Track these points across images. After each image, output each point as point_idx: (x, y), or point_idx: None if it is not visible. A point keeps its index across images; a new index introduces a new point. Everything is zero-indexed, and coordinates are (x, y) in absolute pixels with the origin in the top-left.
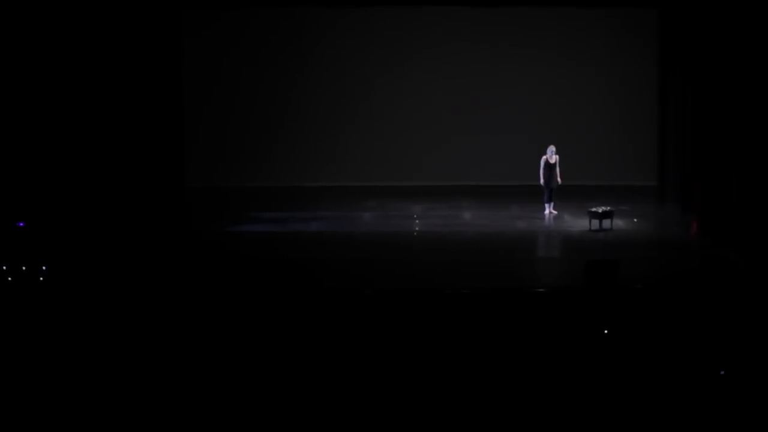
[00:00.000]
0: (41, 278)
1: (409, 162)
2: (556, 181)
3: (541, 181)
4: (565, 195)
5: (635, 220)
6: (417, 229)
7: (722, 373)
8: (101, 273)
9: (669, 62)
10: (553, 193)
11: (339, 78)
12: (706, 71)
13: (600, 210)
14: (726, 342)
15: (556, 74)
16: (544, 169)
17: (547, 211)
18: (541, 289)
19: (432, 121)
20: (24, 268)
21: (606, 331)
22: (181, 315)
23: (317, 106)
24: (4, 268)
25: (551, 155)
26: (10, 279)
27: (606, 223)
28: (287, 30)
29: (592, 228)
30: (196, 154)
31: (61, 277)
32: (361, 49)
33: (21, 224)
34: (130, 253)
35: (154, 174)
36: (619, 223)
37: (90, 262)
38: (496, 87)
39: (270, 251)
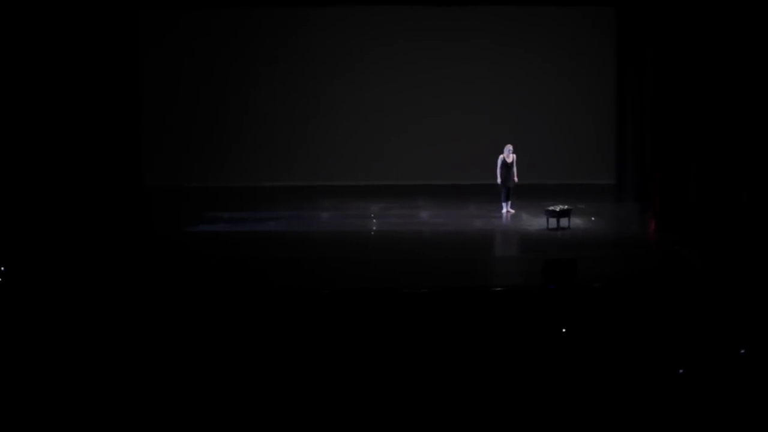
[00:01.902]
0: None
1: (366, 161)
2: (513, 180)
3: (499, 180)
4: (522, 194)
5: (593, 218)
6: (374, 228)
7: (681, 371)
8: (56, 275)
9: (627, 60)
10: (510, 192)
11: (296, 78)
12: (664, 69)
13: (558, 208)
14: (684, 340)
15: (513, 73)
16: (501, 168)
17: (504, 210)
18: (499, 289)
19: (389, 121)
20: None
21: (564, 330)
22: (138, 316)
23: (275, 106)
24: None
25: (508, 154)
26: None
27: (564, 221)
28: (246, 30)
29: (550, 227)
30: (154, 154)
31: (15, 279)
32: (319, 50)
33: None
34: (86, 253)
35: (110, 174)
36: (576, 221)
37: (44, 263)
38: (453, 86)
39: (227, 251)
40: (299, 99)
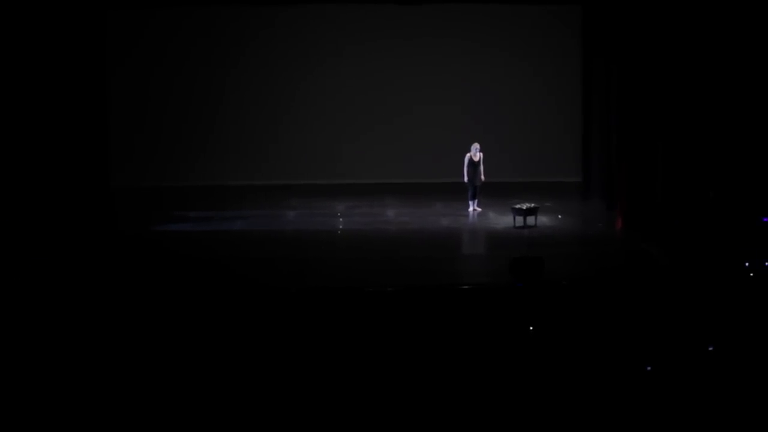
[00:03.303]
0: None
1: (334, 160)
2: (480, 178)
3: (465, 178)
4: (489, 192)
5: (559, 216)
6: (340, 227)
7: (648, 369)
8: (22, 276)
9: (593, 58)
10: (477, 190)
11: (262, 77)
12: (630, 66)
13: (524, 207)
14: (652, 338)
15: (478, 70)
16: (468, 166)
17: (471, 209)
18: (466, 287)
19: (356, 120)
20: None
21: (531, 328)
22: (107, 316)
23: (242, 105)
24: None
25: (475, 153)
26: None
27: (530, 219)
28: (215, 29)
29: (517, 225)
30: (122, 154)
31: None
32: (286, 49)
33: None
34: (52, 254)
35: (76, 173)
36: (543, 219)
37: (9, 264)
38: (418, 83)
39: (195, 250)
40: (267, 98)
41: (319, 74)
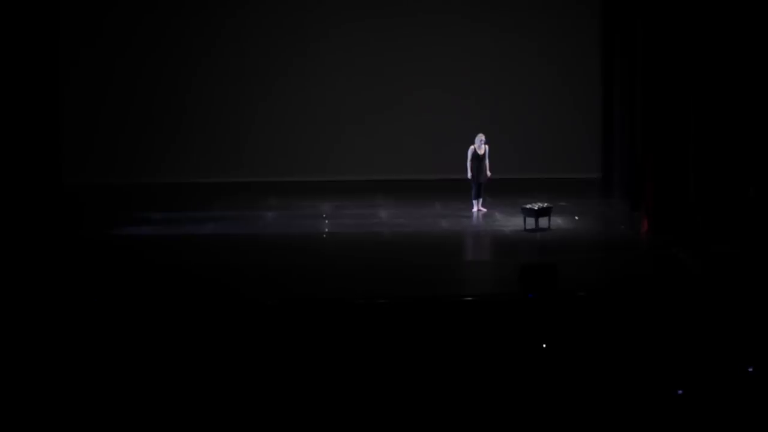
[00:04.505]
0: None
1: (318, 154)
2: (486, 174)
3: (469, 174)
4: (495, 190)
5: (576, 217)
6: (326, 230)
7: (679, 393)
8: None
9: (613, 33)
10: (482, 188)
11: (237, 61)
12: (658, 43)
13: (536, 206)
14: (682, 358)
15: (485, 53)
16: (472, 160)
17: (475, 209)
18: (469, 298)
19: (342, 107)
20: None
21: (544, 346)
22: (63, 327)
23: (213, 92)
24: None
25: (480, 145)
26: None
27: (543, 221)
28: (182, 9)
29: (527, 227)
30: (75, 149)
31: None
32: (261, 29)
33: None
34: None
35: (25, 170)
36: (557, 221)
37: None
38: (416, 70)
39: (160, 256)
40: (242, 85)
41: (301, 57)
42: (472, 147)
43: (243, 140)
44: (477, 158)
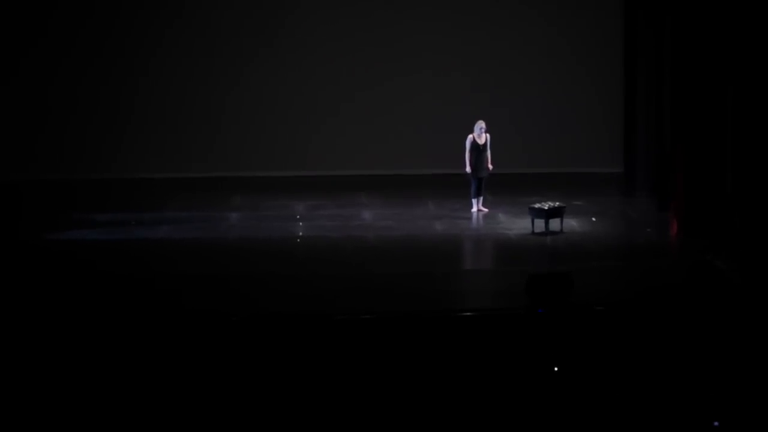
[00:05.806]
0: None
1: (290, 145)
2: (487, 167)
3: (467, 168)
4: (499, 186)
5: (593, 219)
6: (300, 233)
7: (716, 424)
8: None
9: (637, 8)
10: (482, 184)
11: (201, 41)
12: (690, 26)
13: (546, 206)
14: (718, 382)
15: (486, 31)
16: (471, 151)
17: (474, 209)
18: (468, 313)
19: (320, 93)
20: None
21: (556, 369)
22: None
23: (171, 75)
24: None
25: (480, 134)
26: None
27: (554, 223)
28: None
29: (536, 230)
30: (24, 140)
31: None
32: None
33: None
34: None
35: None
36: (571, 223)
37: None
38: (403, 47)
39: (106, 264)
40: (204, 67)
41: (274, 36)
42: (470, 136)
43: (207, 130)
44: (477, 149)
